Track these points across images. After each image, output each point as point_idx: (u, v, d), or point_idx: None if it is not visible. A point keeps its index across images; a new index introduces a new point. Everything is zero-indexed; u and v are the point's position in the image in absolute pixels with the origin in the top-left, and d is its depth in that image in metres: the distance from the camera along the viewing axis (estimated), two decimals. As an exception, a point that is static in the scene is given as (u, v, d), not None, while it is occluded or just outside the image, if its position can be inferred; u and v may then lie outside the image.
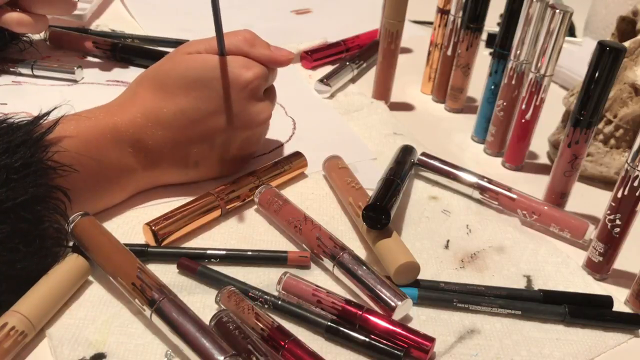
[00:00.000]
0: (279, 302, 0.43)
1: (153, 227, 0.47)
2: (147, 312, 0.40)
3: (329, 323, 0.42)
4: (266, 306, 0.43)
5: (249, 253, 0.48)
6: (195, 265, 0.46)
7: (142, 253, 0.46)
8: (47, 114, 0.45)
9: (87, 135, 0.47)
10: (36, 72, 0.68)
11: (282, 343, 0.40)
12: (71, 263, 0.43)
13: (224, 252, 0.47)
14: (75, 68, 0.68)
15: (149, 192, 0.53)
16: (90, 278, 0.45)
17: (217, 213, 0.51)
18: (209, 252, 0.47)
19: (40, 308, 0.40)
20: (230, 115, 0.51)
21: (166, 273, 0.46)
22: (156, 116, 0.50)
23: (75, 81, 0.68)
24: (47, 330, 0.41)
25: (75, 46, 0.74)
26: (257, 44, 0.53)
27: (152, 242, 0.47)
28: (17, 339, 0.38)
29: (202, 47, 0.52)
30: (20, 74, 0.68)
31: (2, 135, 0.41)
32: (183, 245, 0.49)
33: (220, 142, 0.52)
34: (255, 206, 0.53)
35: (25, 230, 0.40)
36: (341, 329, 0.42)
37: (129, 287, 0.41)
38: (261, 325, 0.41)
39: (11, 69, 0.68)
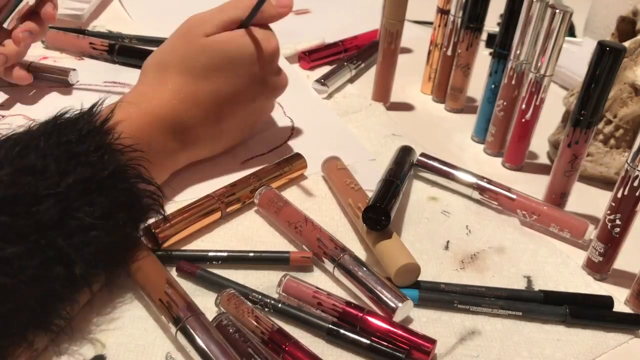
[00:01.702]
0: (279, 305, 0.43)
1: (154, 230, 0.47)
2: (173, 329, 0.40)
3: (330, 325, 0.42)
4: (266, 309, 0.43)
5: (251, 254, 0.47)
6: (195, 268, 0.45)
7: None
8: (100, 104, 0.46)
9: (138, 121, 0.48)
10: (32, 74, 0.67)
11: (283, 346, 0.40)
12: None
13: (225, 254, 0.47)
14: (72, 70, 0.67)
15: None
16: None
17: (217, 215, 0.51)
18: (210, 254, 0.47)
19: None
20: (264, 85, 0.56)
21: (166, 275, 0.46)
22: (194, 99, 0.52)
23: (71, 83, 0.68)
24: (47, 334, 0.40)
25: (72, 47, 0.74)
26: (264, 7, 0.55)
27: (153, 245, 0.47)
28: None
29: (216, 24, 0.53)
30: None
31: (68, 127, 0.42)
32: (183, 248, 0.49)
33: (251, 111, 0.57)
34: (255, 208, 0.53)
35: (122, 200, 0.42)
36: (342, 331, 0.42)
37: (156, 302, 0.41)
38: (261, 328, 0.41)
39: (9, 70, 0.67)
